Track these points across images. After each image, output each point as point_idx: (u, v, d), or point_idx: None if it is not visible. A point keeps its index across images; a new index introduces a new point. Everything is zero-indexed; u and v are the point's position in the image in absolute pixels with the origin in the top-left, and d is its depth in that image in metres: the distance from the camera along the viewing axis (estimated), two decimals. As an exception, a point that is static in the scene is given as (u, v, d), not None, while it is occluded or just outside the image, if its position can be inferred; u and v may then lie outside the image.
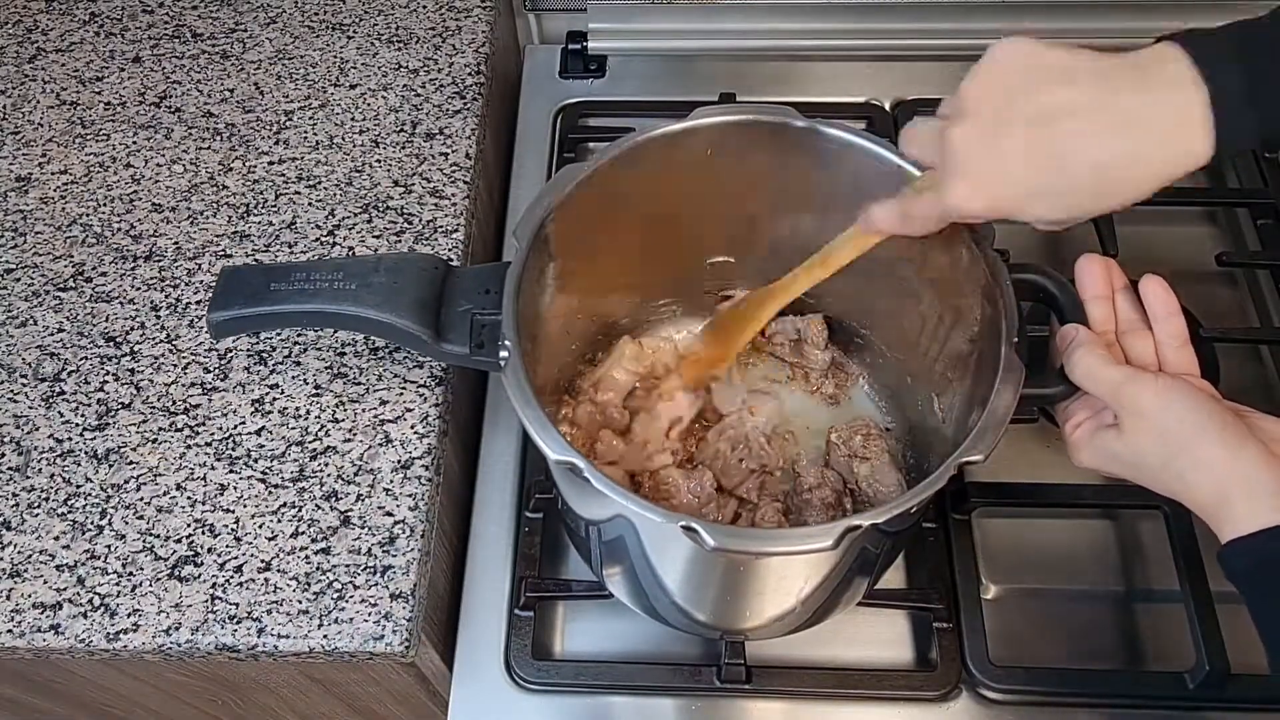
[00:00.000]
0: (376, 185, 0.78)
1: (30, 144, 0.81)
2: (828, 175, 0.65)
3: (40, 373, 0.69)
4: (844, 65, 0.95)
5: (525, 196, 0.87)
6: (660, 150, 0.64)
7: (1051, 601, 0.69)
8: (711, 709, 0.65)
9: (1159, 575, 0.69)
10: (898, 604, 0.68)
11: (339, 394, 0.68)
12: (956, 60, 0.95)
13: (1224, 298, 0.82)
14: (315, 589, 0.61)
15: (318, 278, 0.62)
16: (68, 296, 0.73)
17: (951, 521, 0.69)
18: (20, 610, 0.60)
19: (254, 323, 0.63)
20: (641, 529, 0.54)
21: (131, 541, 0.63)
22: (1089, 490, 0.71)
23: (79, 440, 0.67)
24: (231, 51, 0.86)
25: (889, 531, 0.56)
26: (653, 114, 0.88)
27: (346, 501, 0.64)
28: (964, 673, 0.64)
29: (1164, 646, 0.67)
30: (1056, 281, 0.61)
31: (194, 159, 0.80)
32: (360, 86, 0.84)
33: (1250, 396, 0.76)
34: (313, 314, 0.62)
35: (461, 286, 0.62)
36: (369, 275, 0.61)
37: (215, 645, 0.60)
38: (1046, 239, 0.85)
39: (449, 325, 0.61)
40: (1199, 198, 0.87)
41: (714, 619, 0.63)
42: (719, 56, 0.96)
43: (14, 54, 0.87)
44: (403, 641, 0.60)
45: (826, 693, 0.64)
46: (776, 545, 0.50)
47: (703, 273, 0.75)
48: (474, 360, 0.60)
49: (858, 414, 0.73)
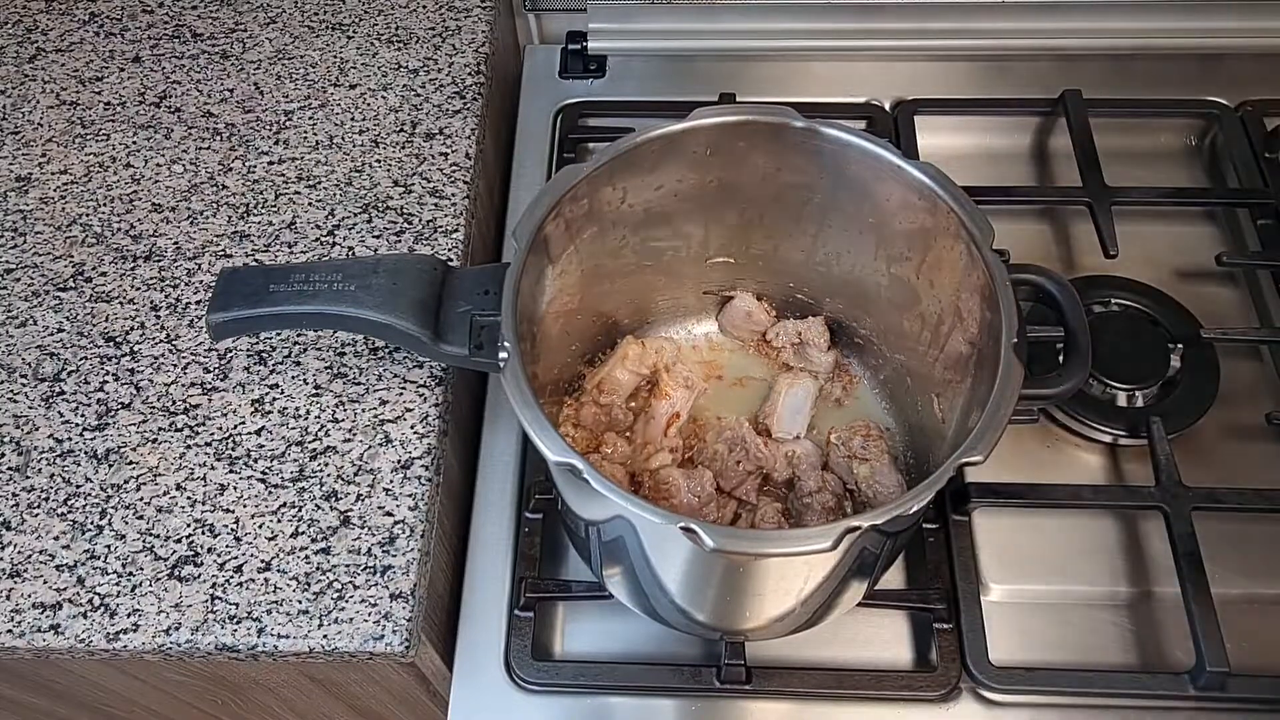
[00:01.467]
0: (376, 185, 0.78)
1: (30, 144, 0.81)
2: (827, 175, 0.65)
3: (40, 373, 0.69)
4: (844, 65, 0.95)
5: (525, 196, 0.87)
6: (659, 151, 0.64)
7: (1051, 601, 0.69)
8: (711, 709, 0.65)
9: (1159, 575, 0.69)
10: (898, 604, 0.68)
11: (339, 394, 0.68)
12: (956, 60, 0.95)
13: (1224, 298, 0.82)
14: (315, 589, 0.61)
15: (317, 279, 0.62)
16: (68, 296, 0.73)
17: (951, 521, 0.69)
18: (20, 610, 0.60)
19: (253, 324, 0.63)
20: (641, 530, 0.54)
21: (131, 541, 0.63)
22: (1089, 490, 0.71)
23: (79, 440, 0.67)
24: (231, 51, 0.86)
25: (889, 532, 0.56)
26: (653, 114, 0.88)
27: (346, 501, 0.64)
28: (964, 673, 0.64)
29: (1164, 646, 0.67)
30: (1056, 281, 0.61)
31: (194, 159, 0.80)
32: (360, 86, 0.84)
33: (1250, 396, 0.77)
34: (312, 315, 0.62)
35: (461, 287, 0.62)
36: (368, 276, 0.61)
37: (215, 645, 0.60)
38: (1046, 241, 0.86)
39: (448, 326, 0.61)
40: (1199, 198, 0.87)
41: (714, 620, 0.63)
42: (719, 56, 0.96)
43: (14, 54, 0.87)
44: (403, 641, 0.60)
45: (826, 693, 0.64)
46: (775, 546, 0.50)
47: (703, 273, 0.75)
48: (473, 361, 0.60)
49: (863, 416, 0.73)
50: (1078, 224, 0.85)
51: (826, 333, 0.73)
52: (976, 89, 0.93)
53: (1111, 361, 0.75)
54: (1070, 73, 0.92)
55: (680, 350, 0.76)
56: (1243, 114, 0.89)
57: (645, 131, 0.63)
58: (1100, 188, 0.83)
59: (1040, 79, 0.92)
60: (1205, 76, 0.92)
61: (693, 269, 0.74)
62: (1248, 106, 0.90)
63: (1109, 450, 0.75)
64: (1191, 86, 0.91)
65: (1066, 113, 0.88)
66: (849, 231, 0.68)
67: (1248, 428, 0.75)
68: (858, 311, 0.73)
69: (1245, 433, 0.75)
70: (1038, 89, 0.91)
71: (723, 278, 0.75)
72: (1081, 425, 0.74)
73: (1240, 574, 0.68)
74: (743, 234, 0.72)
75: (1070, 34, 0.94)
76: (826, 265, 0.72)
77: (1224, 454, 0.74)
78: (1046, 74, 0.93)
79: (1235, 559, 0.69)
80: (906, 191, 0.62)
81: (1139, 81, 0.93)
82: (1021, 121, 0.92)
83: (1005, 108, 0.91)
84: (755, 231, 0.71)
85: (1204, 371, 0.76)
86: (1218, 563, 0.66)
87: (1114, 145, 0.87)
